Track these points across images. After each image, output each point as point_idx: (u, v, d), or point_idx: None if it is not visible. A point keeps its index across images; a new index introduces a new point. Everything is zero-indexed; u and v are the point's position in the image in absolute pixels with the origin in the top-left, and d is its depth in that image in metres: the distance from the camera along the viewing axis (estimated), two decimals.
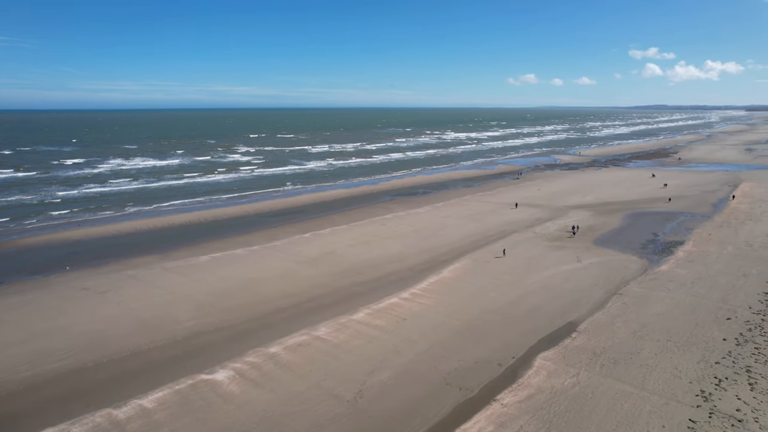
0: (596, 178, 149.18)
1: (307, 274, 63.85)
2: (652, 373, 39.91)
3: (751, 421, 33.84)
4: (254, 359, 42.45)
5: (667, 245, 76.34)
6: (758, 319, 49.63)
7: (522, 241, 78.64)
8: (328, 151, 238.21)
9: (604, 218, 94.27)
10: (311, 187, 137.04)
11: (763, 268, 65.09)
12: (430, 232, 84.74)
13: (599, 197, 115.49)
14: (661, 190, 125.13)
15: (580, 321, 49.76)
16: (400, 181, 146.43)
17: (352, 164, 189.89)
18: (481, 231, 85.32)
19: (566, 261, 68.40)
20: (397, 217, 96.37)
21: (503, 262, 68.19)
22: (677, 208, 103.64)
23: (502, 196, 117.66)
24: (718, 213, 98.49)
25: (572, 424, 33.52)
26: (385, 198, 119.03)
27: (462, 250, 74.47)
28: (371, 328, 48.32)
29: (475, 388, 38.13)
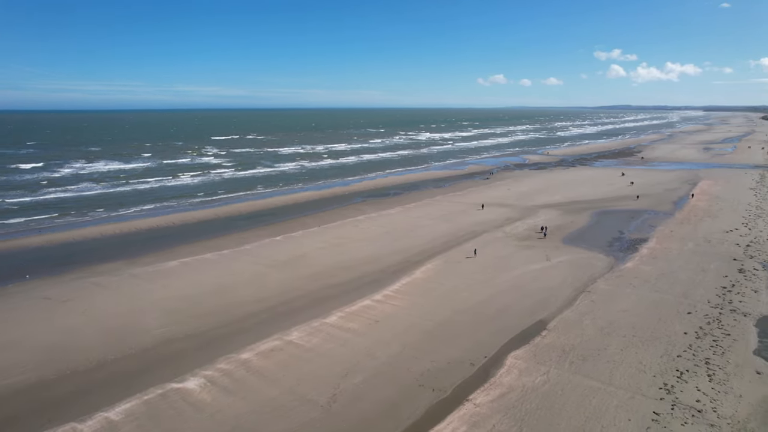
0: (564, 177, 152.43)
1: (278, 278, 63.28)
2: (618, 368, 41.06)
3: (709, 411, 35.20)
4: (226, 366, 41.85)
5: (632, 243, 78.63)
6: (716, 313, 51.61)
7: (492, 241, 79.75)
8: (299, 153, 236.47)
9: (572, 217, 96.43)
10: (282, 189, 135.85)
11: (720, 263, 67.71)
12: (402, 233, 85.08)
13: (567, 196, 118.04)
14: (626, 188, 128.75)
15: (550, 319, 50.79)
16: (372, 182, 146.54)
17: (323, 165, 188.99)
18: (453, 231, 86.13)
19: (535, 260, 69.69)
20: (369, 219, 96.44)
21: (474, 262, 69.01)
22: (641, 206, 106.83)
23: (472, 197, 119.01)
24: (679, 210, 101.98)
25: (543, 421, 34.21)
26: (357, 199, 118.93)
27: (434, 250, 75.04)
28: (344, 331, 48.23)
29: (448, 389, 38.49)
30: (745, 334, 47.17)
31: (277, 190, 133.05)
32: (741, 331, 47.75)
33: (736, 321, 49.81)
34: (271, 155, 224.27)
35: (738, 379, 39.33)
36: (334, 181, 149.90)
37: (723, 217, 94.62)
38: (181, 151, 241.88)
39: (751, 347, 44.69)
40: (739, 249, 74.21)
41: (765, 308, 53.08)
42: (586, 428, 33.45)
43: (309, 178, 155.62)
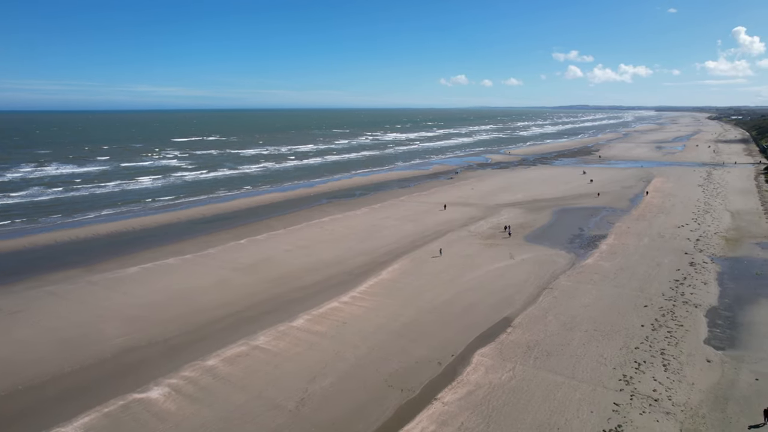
0: (526, 176, 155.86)
1: (243, 282, 62.33)
2: (581, 362, 42.33)
3: (665, 400, 36.74)
4: (191, 373, 40.95)
5: (592, 239, 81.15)
6: (670, 305, 53.88)
7: (457, 240, 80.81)
8: (263, 154, 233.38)
9: (534, 215, 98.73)
10: (246, 191, 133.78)
11: (674, 257, 70.71)
12: (367, 234, 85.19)
13: (529, 195, 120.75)
14: (585, 186, 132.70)
15: (515, 316, 51.88)
16: (337, 183, 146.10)
17: (287, 167, 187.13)
18: (418, 231, 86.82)
19: (500, 258, 71.03)
20: (335, 220, 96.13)
21: (440, 262, 69.77)
22: (599, 203, 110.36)
23: (437, 196, 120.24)
24: (635, 207, 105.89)
25: (510, 417, 34.93)
26: (323, 201, 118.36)
27: (400, 251, 75.45)
28: (312, 334, 47.95)
29: (417, 389, 38.81)
30: (696, 324, 49.43)
31: (240, 193, 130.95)
32: (692, 321, 50.00)
33: (688, 312, 52.13)
34: (234, 157, 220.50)
35: (690, 368, 41.19)
36: (299, 182, 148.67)
37: (675, 213, 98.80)
38: (140, 153, 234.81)
39: (702, 337, 46.87)
40: (689, 243, 77.66)
41: (713, 299, 55.78)
42: (551, 422, 34.36)
43: (273, 179, 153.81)
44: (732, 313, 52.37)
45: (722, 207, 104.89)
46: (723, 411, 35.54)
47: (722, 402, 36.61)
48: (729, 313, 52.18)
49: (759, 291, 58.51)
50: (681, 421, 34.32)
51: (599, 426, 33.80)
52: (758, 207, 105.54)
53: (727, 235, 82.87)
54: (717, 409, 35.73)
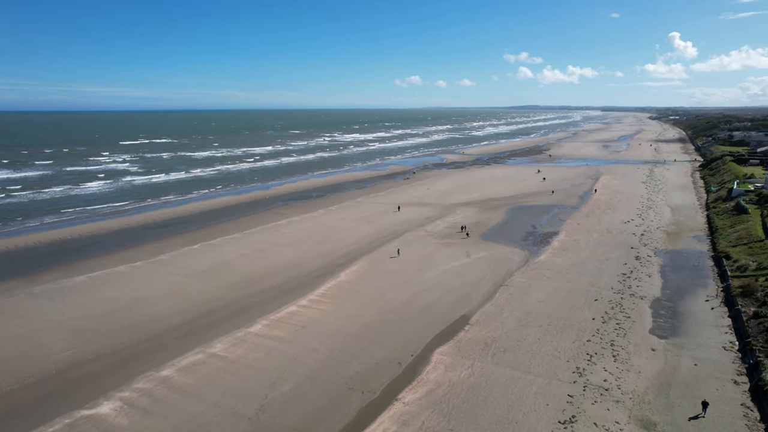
0: (480, 175, 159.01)
1: (198, 288, 60.71)
2: (536, 356, 43.60)
3: (615, 389, 38.38)
4: (144, 385, 39.55)
5: (545, 236, 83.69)
6: (618, 298, 56.31)
7: (415, 240, 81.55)
8: (216, 156, 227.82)
9: (489, 214, 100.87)
10: (199, 194, 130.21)
11: (621, 252, 73.90)
12: (325, 236, 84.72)
13: (483, 194, 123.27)
14: (538, 185, 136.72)
15: (472, 314, 52.86)
16: (293, 185, 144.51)
17: (241, 169, 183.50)
18: (376, 232, 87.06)
19: (456, 257, 72.16)
20: (292, 223, 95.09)
21: (398, 262, 70.22)
22: (551, 201, 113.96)
23: (394, 197, 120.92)
24: (585, 204, 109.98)
25: (469, 414, 35.59)
26: (279, 203, 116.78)
27: (358, 252, 75.44)
28: (270, 339, 47.26)
29: (378, 390, 38.93)
30: (642, 315, 51.87)
31: (193, 196, 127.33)
32: (639, 313, 52.44)
33: (634, 304, 54.63)
34: (186, 159, 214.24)
35: (637, 357, 43.20)
36: (254, 184, 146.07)
37: (621, 209, 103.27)
38: (84, 156, 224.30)
39: (647, 327, 49.25)
40: (635, 238, 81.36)
41: (657, 291, 58.71)
42: (510, 416, 35.24)
43: (227, 182, 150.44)
44: (673, 303, 55.28)
45: (663, 203, 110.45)
46: (667, 396, 37.47)
47: (666, 388, 38.60)
48: (671, 304, 55.05)
49: (696, 281, 62.02)
50: (629, 408, 35.94)
51: (555, 418, 34.93)
52: (695, 202, 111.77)
53: (668, 229, 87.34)
54: (661, 395, 37.63)
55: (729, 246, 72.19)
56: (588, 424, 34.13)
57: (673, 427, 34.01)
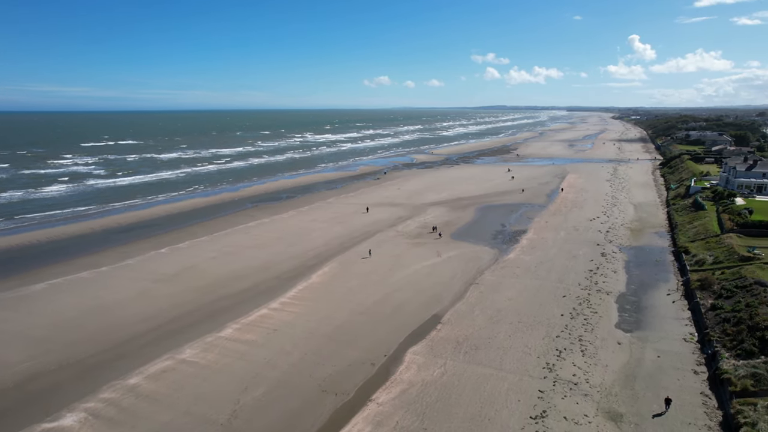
0: (449, 175, 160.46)
1: (166, 293, 59.36)
2: (507, 353, 44.29)
3: (583, 383, 39.36)
4: (110, 395, 38.44)
5: (513, 235, 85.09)
6: (585, 294, 57.73)
7: (386, 240, 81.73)
8: (183, 158, 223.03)
9: (459, 213, 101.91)
10: (165, 197, 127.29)
11: (587, 249, 75.78)
12: (296, 237, 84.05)
13: (453, 193, 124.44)
14: (506, 184, 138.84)
15: (444, 313, 53.32)
16: (263, 186, 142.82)
17: (210, 171, 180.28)
18: (347, 233, 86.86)
19: (427, 256, 72.66)
20: (262, 225, 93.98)
21: (370, 262, 70.23)
22: (519, 199, 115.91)
23: (365, 197, 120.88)
24: (552, 202, 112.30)
25: (443, 412, 35.89)
26: (248, 205, 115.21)
27: (329, 253, 75.12)
28: (241, 343, 46.61)
29: (351, 391, 38.87)
30: (609, 310, 53.34)
31: (160, 199, 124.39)
32: (605, 308, 53.90)
33: (601, 300, 56.11)
34: (151, 162, 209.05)
35: (604, 351, 44.40)
36: (222, 186, 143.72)
37: (587, 207, 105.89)
38: (44, 159, 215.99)
39: (613, 321, 50.67)
40: (600, 235, 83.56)
41: (622, 286, 60.46)
42: (482, 413, 35.70)
43: (195, 184, 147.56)
44: (637, 297, 57.04)
45: (627, 200, 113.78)
46: (632, 388, 38.65)
47: (631, 380, 39.81)
48: (635, 298, 56.78)
49: (658, 276, 64.17)
50: (597, 401, 36.91)
51: (526, 413, 35.57)
52: (656, 199, 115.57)
53: (631, 226, 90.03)
54: (627, 387, 38.78)
55: (688, 241, 74.91)
56: (558, 419, 34.88)
57: (638, 417, 35.10)
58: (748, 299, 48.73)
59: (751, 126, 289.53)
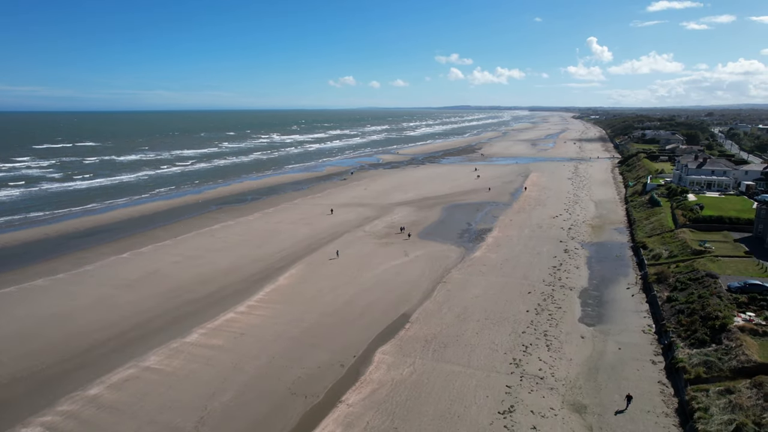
0: (416, 174, 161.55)
1: (128, 299, 57.67)
2: (475, 350, 44.97)
3: (549, 377, 40.36)
4: (69, 407, 37.09)
5: (479, 233, 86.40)
6: (549, 290, 59.17)
7: (354, 241, 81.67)
8: (144, 160, 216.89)
9: (426, 212, 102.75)
10: (126, 200, 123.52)
11: (551, 245, 77.66)
12: (262, 239, 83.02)
13: (420, 193, 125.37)
14: (472, 183, 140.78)
15: (412, 311, 53.69)
16: (227, 188, 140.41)
17: (172, 173, 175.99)
18: (314, 234, 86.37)
19: (395, 256, 72.99)
20: (227, 227, 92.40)
21: (337, 263, 70.04)
22: (484, 198, 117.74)
23: (332, 198, 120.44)
24: (516, 201, 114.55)
25: (413, 411, 36.15)
26: (212, 207, 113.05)
27: (296, 255, 74.53)
28: (208, 348, 45.76)
29: (321, 393, 38.71)
30: (572, 305, 54.84)
31: (120, 203, 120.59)
32: (569, 303, 55.39)
33: (565, 295, 57.62)
34: (111, 164, 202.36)
35: (568, 345, 45.63)
36: (185, 188, 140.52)
37: (550, 205, 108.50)
38: None
39: (576, 316, 52.14)
40: (563, 232, 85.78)
41: (584, 281, 62.26)
42: (452, 410, 36.14)
43: (157, 187, 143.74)
44: (599, 292, 58.85)
45: (588, 197, 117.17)
46: (595, 380, 39.88)
47: (594, 372, 41.07)
48: (597, 293, 58.56)
49: (619, 271, 66.39)
50: (562, 395, 37.92)
51: (494, 409, 36.21)
52: (615, 196, 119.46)
53: (592, 222, 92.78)
54: (591, 379, 39.99)
55: (645, 237, 77.75)
56: (525, 413, 35.66)
57: (601, 408, 36.25)
58: (700, 291, 50.97)
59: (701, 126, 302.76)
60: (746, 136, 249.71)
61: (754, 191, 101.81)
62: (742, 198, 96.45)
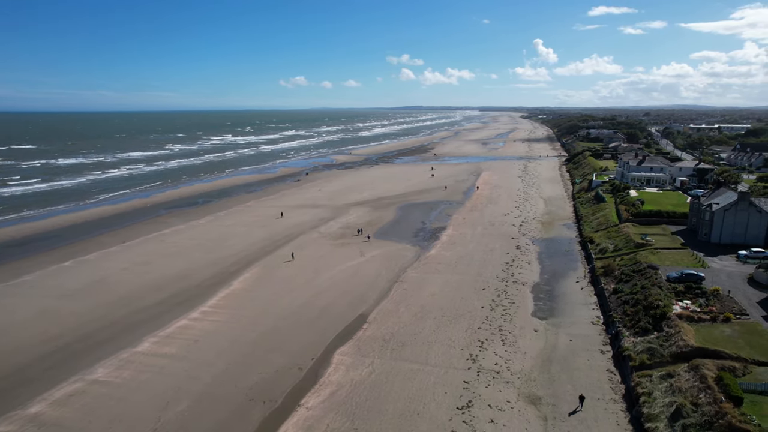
0: (370, 175, 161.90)
1: (73, 310, 54.92)
2: (432, 348, 45.58)
3: (505, 371, 41.46)
4: (6, 428, 34.96)
5: (434, 231, 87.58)
6: (503, 286, 60.73)
7: (309, 242, 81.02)
8: (86, 163, 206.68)
9: (381, 212, 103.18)
10: (68, 206, 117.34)
11: (503, 242, 79.69)
12: (215, 243, 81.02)
13: (374, 193, 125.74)
14: (426, 182, 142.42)
15: (370, 312, 53.83)
16: (177, 191, 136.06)
17: (118, 176, 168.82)
18: (269, 236, 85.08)
19: (351, 257, 72.94)
20: (177, 231, 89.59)
21: (293, 266, 69.30)
22: (438, 197, 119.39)
23: (286, 200, 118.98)
24: (468, 199, 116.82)
25: (373, 411, 36.27)
26: (162, 211, 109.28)
27: (251, 258, 73.20)
28: (160, 357, 44.26)
29: (279, 398, 38.22)
30: (525, 300, 56.50)
31: (60, 208, 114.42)
32: (522, 298, 57.03)
33: (518, 290, 59.29)
34: (49, 168, 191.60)
35: (523, 339, 47.00)
36: (132, 192, 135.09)
37: (501, 203, 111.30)
38: None
39: (529, 310, 53.76)
40: (515, 229, 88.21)
41: (536, 276, 64.28)
42: (411, 408, 36.50)
43: (101, 191, 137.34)
44: (550, 286, 60.92)
45: (537, 195, 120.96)
46: (548, 372, 41.28)
47: (548, 364, 42.49)
48: (548, 287, 60.59)
49: (568, 265, 68.94)
50: (518, 387, 39.03)
51: (453, 404, 36.85)
52: (563, 193, 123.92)
53: (542, 219, 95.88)
54: (544, 371, 41.35)
55: (592, 231, 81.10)
56: (483, 407, 36.47)
57: (555, 398, 37.56)
58: (643, 282, 53.68)
59: (639, 125, 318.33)
60: (679, 134, 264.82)
61: (688, 186, 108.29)
62: (678, 193, 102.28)
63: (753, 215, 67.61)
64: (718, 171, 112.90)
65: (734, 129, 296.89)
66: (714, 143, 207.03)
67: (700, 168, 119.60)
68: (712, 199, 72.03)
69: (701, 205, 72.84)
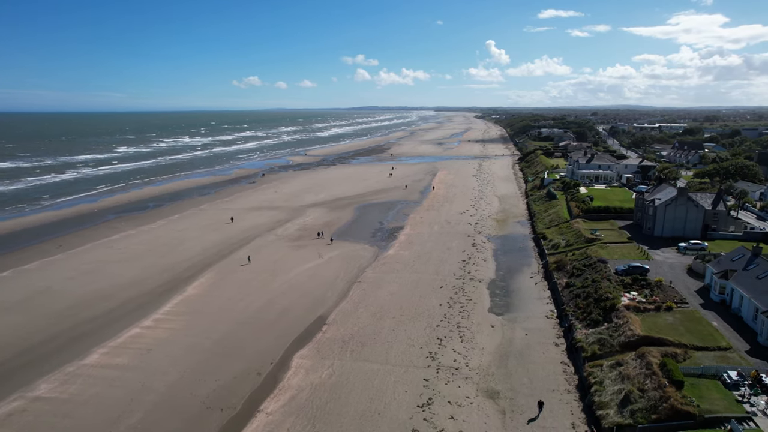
0: (327, 175, 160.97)
1: (11, 323, 51.91)
2: (392, 347, 45.77)
3: (463, 367, 42.13)
4: None
5: (391, 231, 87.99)
6: (460, 283, 61.69)
7: (266, 245, 79.76)
8: (24, 167, 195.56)
9: (338, 213, 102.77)
10: (4, 212, 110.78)
11: (460, 240, 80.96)
12: (167, 248, 78.49)
13: (331, 194, 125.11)
14: (383, 182, 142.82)
15: (329, 313, 53.51)
16: (126, 195, 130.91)
17: (61, 180, 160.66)
18: (224, 240, 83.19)
19: (309, 258, 72.29)
20: (127, 237, 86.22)
21: (249, 269, 68.04)
22: (395, 197, 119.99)
23: (241, 201, 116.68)
24: (425, 198, 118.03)
25: (334, 413, 36.07)
26: (110, 216, 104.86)
27: (205, 262, 71.37)
28: (111, 369, 42.48)
29: (238, 405, 37.43)
30: (482, 296, 57.60)
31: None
32: (479, 294, 58.11)
33: (474, 287, 60.37)
34: None
35: (480, 335, 47.91)
36: (77, 197, 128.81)
37: (457, 201, 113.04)
38: None
39: (486, 306, 54.85)
40: (470, 227, 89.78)
41: (492, 273, 65.65)
42: (372, 409, 36.52)
43: (41, 196, 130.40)
44: (506, 282, 62.35)
45: (492, 193, 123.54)
46: (506, 366, 42.24)
47: (505, 359, 43.48)
48: (504, 283, 62.00)
49: (522, 261, 70.79)
50: (477, 383, 39.74)
51: (413, 402, 37.12)
52: (516, 191, 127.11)
53: (497, 217, 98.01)
54: (502, 366, 42.29)
55: (545, 228, 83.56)
56: (443, 404, 36.92)
57: (513, 392, 38.47)
58: (593, 275, 55.75)
59: (587, 124, 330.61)
60: (624, 133, 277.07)
61: (633, 183, 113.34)
62: (624, 189, 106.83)
63: (691, 209, 71.45)
64: (659, 168, 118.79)
65: (673, 128, 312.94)
66: (655, 141, 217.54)
67: (643, 165, 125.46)
68: (655, 195, 75.69)
69: (645, 201, 76.37)
